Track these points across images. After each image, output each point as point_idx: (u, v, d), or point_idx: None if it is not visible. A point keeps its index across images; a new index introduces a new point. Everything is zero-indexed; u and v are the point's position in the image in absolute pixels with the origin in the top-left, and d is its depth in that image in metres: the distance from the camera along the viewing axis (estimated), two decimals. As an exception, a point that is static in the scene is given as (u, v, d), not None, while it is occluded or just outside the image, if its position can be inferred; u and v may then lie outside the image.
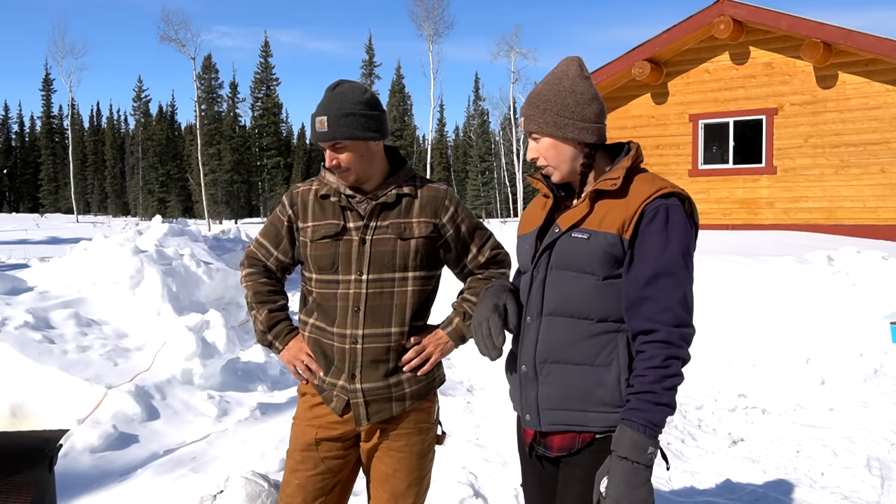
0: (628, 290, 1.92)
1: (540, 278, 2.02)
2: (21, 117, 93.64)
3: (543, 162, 2.06)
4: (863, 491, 4.02)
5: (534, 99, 2.05)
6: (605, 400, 1.94)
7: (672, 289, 1.87)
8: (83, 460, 4.32)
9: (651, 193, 1.92)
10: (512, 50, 49.26)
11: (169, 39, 45.89)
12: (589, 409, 1.95)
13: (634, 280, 1.90)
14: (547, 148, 2.04)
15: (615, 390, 1.92)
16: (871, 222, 12.44)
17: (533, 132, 2.05)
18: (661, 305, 1.86)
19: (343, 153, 2.30)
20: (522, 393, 2.05)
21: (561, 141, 2.02)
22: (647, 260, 1.89)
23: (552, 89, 2.03)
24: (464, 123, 78.71)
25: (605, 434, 1.95)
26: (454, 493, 3.68)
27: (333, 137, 2.28)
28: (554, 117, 2.00)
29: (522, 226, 2.20)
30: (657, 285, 1.87)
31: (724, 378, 6.26)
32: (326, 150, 2.33)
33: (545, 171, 2.08)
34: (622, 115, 14.59)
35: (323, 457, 2.41)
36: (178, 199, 71.11)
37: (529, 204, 2.26)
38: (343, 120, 2.28)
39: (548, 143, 2.03)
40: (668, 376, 1.84)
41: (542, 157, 2.06)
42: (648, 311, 1.87)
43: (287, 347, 2.46)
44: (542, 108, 2.02)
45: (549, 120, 2.01)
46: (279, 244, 2.49)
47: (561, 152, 2.03)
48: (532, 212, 2.19)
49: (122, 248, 7.45)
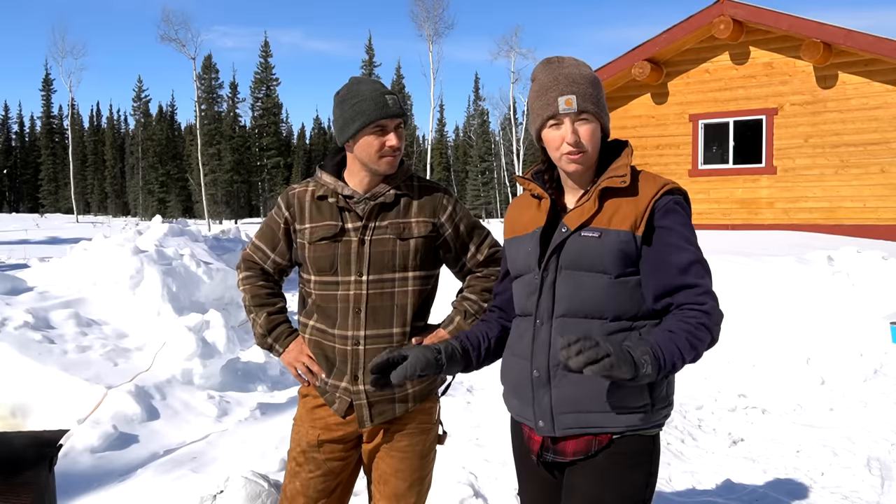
0: (661, 282, 1.88)
1: (549, 280, 1.96)
2: (21, 117, 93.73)
3: (585, 147, 1.92)
4: (863, 491, 4.02)
5: (580, 80, 1.93)
6: (623, 400, 1.89)
7: (704, 274, 1.88)
8: (83, 460, 4.32)
9: (658, 190, 1.92)
10: (512, 50, 49.23)
11: (169, 39, 45.87)
12: (606, 411, 1.90)
13: (667, 271, 1.87)
14: (592, 132, 1.93)
15: (634, 390, 1.88)
16: (871, 222, 12.43)
17: (588, 112, 1.92)
18: (702, 289, 1.86)
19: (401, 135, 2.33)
20: (535, 399, 1.97)
21: (601, 127, 1.96)
22: (677, 250, 1.88)
23: (590, 74, 1.95)
24: (464, 123, 78.76)
25: (621, 434, 1.91)
26: (454, 493, 3.68)
27: (404, 113, 2.32)
28: (602, 102, 1.95)
29: (511, 229, 2.12)
30: (693, 272, 1.87)
31: (724, 378, 6.26)
32: (390, 130, 2.30)
33: (576, 159, 1.92)
34: (622, 115, 14.58)
35: (325, 458, 2.41)
36: (178, 199, 71.08)
37: (512, 206, 2.19)
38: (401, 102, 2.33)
39: (593, 127, 1.94)
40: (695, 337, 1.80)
41: (585, 142, 1.92)
42: (690, 294, 1.86)
43: (288, 350, 2.45)
44: (594, 89, 1.93)
45: (601, 103, 1.95)
46: (276, 247, 2.48)
47: (597, 140, 1.95)
48: (523, 213, 2.11)
49: (122, 248, 7.45)
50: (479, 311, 2.47)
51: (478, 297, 2.48)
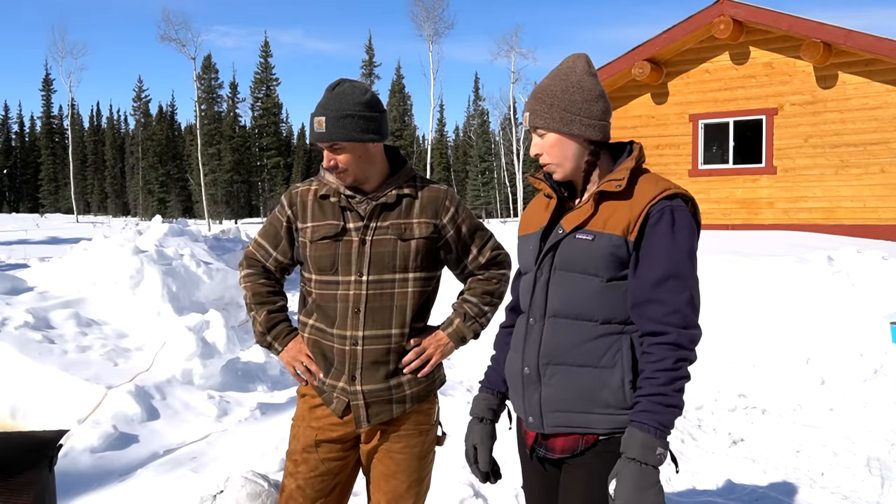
0: (636, 292, 1.90)
1: (543, 280, 2.00)
2: (21, 117, 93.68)
3: (547, 159, 2.02)
4: (863, 491, 4.02)
5: (539, 94, 2.01)
6: (609, 402, 1.92)
7: (680, 290, 1.87)
8: (83, 460, 4.32)
9: (656, 195, 1.91)
10: (512, 50, 49.24)
11: (169, 39, 45.87)
12: (593, 411, 1.93)
13: (642, 281, 1.89)
14: (552, 144, 2.00)
15: (619, 392, 1.91)
16: (871, 222, 12.43)
17: (538, 127, 2.01)
18: (670, 307, 1.86)
19: (341, 154, 2.28)
20: (525, 395, 2.03)
21: (566, 137, 1.99)
22: (655, 261, 1.88)
23: (559, 84, 1.99)
24: (464, 123, 78.75)
25: (608, 435, 1.94)
26: (454, 494, 3.68)
27: (330, 139, 2.26)
28: (560, 113, 1.97)
29: (524, 226, 2.17)
30: (665, 287, 1.87)
31: (724, 378, 6.26)
32: (325, 150, 2.31)
33: (548, 168, 2.04)
34: (622, 115, 14.59)
35: (323, 458, 2.40)
36: (178, 199, 71.07)
37: (530, 204, 2.23)
38: (341, 122, 2.25)
39: (553, 139, 2.00)
40: (677, 378, 1.84)
41: (546, 154, 2.02)
42: (657, 312, 1.86)
43: (286, 349, 2.44)
44: (548, 103, 1.99)
45: (556, 115, 1.97)
46: (278, 245, 2.47)
47: (565, 149, 2.00)
48: (534, 212, 2.16)
49: (122, 248, 7.45)
50: (478, 314, 2.47)
51: (478, 299, 2.48)
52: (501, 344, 2.27)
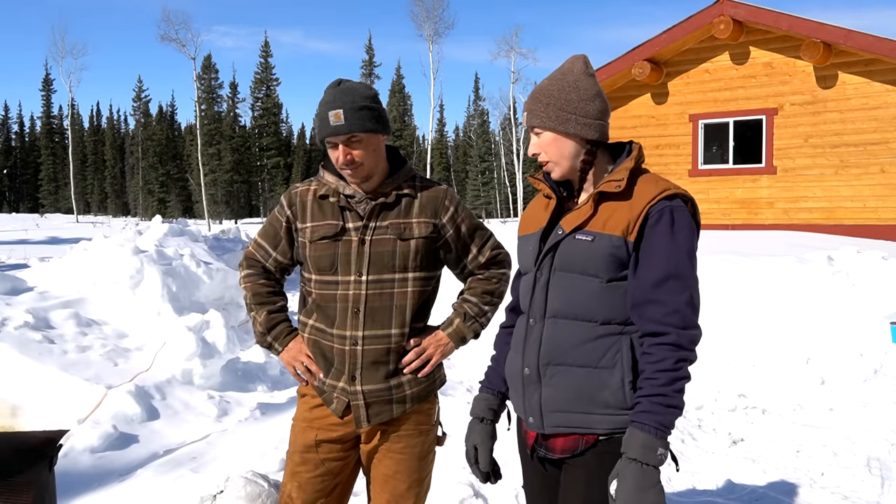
0: (635, 292, 1.91)
1: (543, 280, 2.01)
2: (21, 117, 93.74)
3: (545, 157, 2.04)
4: (863, 491, 4.02)
5: (537, 94, 2.04)
6: (609, 402, 1.93)
7: (680, 291, 1.87)
8: (83, 460, 4.32)
9: (655, 195, 1.92)
10: (512, 50, 49.27)
11: (169, 39, 45.93)
12: (593, 412, 1.94)
13: (641, 282, 1.90)
14: (549, 143, 2.02)
15: (619, 392, 1.92)
16: (871, 222, 12.44)
17: (535, 126, 2.03)
18: (670, 308, 1.86)
19: (357, 148, 2.26)
20: (525, 395, 2.03)
21: (563, 136, 2.00)
22: (655, 262, 1.89)
23: (556, 84, 2.02)
24: (464, 123, 78.74)
25: (608, 436, 1.94)
26: (454, 494, 3.68)
27: (350, 130, 2.23)
28: (556, 112, 1.99)
29: (524, 226, 2.18)
30: (665, 287, 1.87)
31: (724, 378, 6.26)
32: (339, 145, 2.26)
33: (546, 167, 2.06)
34: (622, 115, 14.59)
35: (323, 458, 2.40)
36: (178, 199, 71.07)
37: (530, 204, 2.24)
38: (359, 113, 2.24)
39: (550, 137, 2.02)
40: (677, 379, 1.85)
41: (543, 153, 2.04)
42: (657, 313, 1.87)
43: (287, 349, 2.44)
44: (544, 102, 2.01)
45: (552, 114, 2.00)
46: (277, 245, 2.47)
47: (562, 148, 2.01)
48: (534, 212, 2.17)
49: (122, 248, 7.45)
50: (479, 314, 2.47)
51: (478, 299, 2.48)
52: (501, 344, 2.27)
